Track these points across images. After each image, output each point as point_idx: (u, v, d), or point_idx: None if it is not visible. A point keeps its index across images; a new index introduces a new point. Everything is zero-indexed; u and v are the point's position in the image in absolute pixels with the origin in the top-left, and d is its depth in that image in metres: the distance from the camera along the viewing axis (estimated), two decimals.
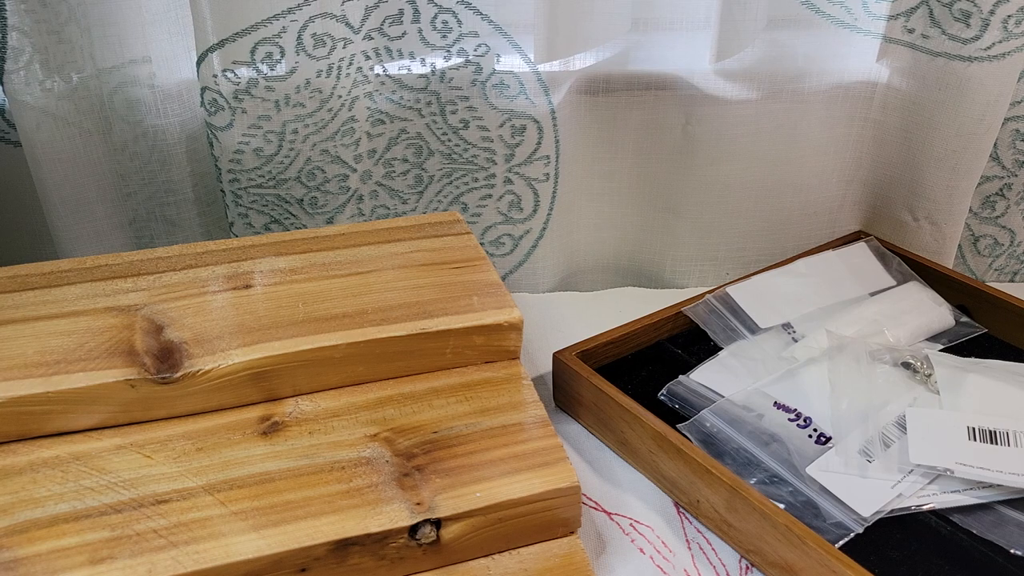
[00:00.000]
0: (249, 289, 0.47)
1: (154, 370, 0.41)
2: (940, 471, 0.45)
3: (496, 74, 0.59)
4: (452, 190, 0.64)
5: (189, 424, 0.42)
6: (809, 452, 0.47)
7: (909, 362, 0.52)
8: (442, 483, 0.38)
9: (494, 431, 0.41)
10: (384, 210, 0.64)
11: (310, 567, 0.36)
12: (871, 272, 0.63)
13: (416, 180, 0.63)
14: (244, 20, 0.51)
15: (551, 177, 0.64)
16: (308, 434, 0.41)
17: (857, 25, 0.62)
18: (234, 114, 0.54)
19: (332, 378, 0.44)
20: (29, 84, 0.52)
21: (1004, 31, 0.57)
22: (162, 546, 0.35)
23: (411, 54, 0.58)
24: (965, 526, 0.43)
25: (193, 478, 0.38)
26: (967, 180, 0.64)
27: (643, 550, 0.44)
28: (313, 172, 0.58)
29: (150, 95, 0.56)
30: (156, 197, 0.60)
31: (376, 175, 0.62)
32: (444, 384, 0.45)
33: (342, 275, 0.49)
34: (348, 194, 0.60)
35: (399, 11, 0.56)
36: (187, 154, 0.59)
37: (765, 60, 0.62)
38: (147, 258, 0.50)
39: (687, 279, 0.70)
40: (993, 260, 0.71)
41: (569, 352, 0.53)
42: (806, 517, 0.43)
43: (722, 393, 0.51)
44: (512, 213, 0.65)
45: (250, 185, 0.58)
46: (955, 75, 0.60)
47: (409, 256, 0.51)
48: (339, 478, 0.38)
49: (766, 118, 0.63)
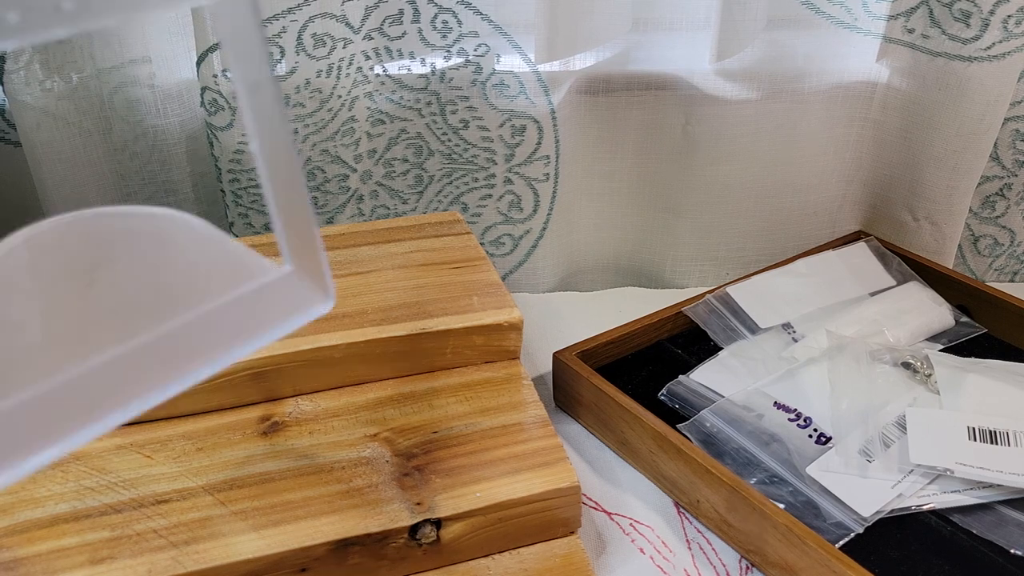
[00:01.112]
0: None
1: None
2: (940, 471, 0.45)
3: (496, 74, 0.59)
4: (452, 190, 0.64)
5: (189, 424, 0.42)
6: (809, 452, 0.47)
7: (909, 362, 0.52)
8: (442, 483, 0.38)
9: (494, 431, 0.41)
10: (384, 210, 0.64)
11: (310, 567, 0.36)
12: (871, 272, 0.63)
13: (416, 180, 0.63)
14: None
15: (551, 177, 0.64)
16: (308, 434, 0.41)
17: (857, 25, 0.62)
18: (234, 114, 0.54)
19: (332, 378, 0.44)
20: (29, 84, 0.52)
21: (1004, 31, 0.57)
22: (162, 546, 0.35)
23: (411, 54, 0.58)
24: (965, 526, 0.43)
25: (193, 478, 0.38)
26: (967, 180, 0.64)
27: (643, 550, 0.44)
28: (313, 172, 0.58)
29: (150, 95, 0.56)
30: (156, 197, 0.60)
31: (376, 175, 0.62)
32: (444, 384, 0.45)
33: (342, 275, 0.48)
34: (348, 194, 0.60)
35: (399, 11, 0.56)
36: (187, 154, 0.59)
37: (765, 60, 0.62)
38: None
39: (687, 279, 0.70)
40: (993, 260, 0.71)
41: (569, 352, 0.53)
42: (806, 517, 0.43)
43: (722, 393, 0.51)
44: (512, 213, 0.65)
45: (250, 185, 0.58)
46: (955, 75, 0.60)
47: (409, 256, 0.51)
48: (339, 478, 0.38)
49: (766, 118, 0.63)
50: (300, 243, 0.27)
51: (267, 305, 0.28)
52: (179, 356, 0.26)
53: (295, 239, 0.27)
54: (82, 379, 0.24)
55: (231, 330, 0.27)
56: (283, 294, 0.28)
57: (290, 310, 0.28)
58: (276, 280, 0.28)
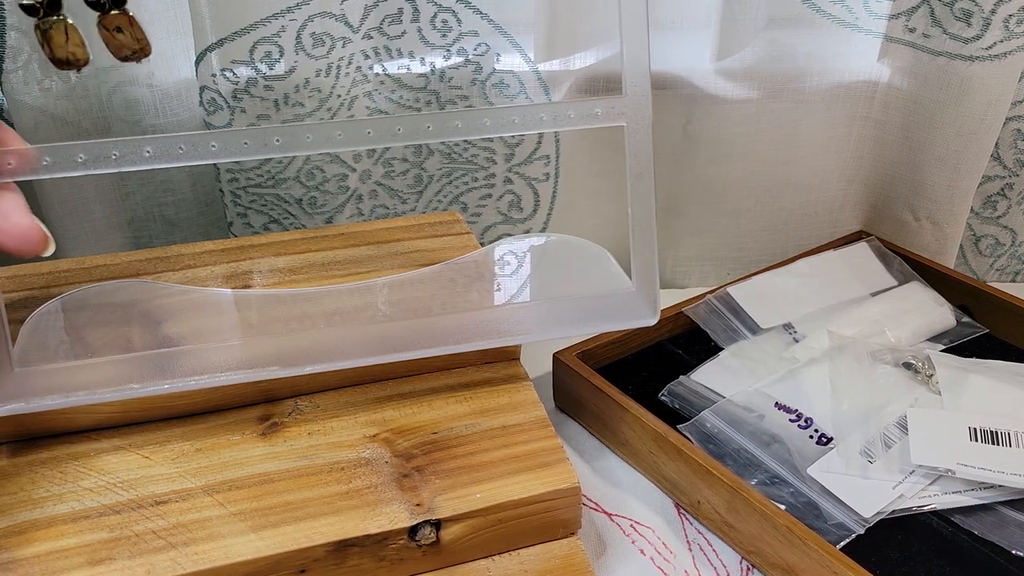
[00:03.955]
0: (248, 289, 0.47)
1: None
2: (941, 472, 0.45)
3: (496, 73, 0.59)
4: (452, 190, 0.64)
5: (188, 425, 0.41)
6: (810, 453, 0.46)
7: (910, 362, 0.52)
8: (442, 484, 0.38)
9: (494, 432, 0.41)
10: (383, 210, 0.64)
11: (309, 568, 0.35)
12: (872, 272, 0.63)
13: (415, 180, 0.63)
14: (243, 19, 0.51)
15: (551, 177, 0.64)
16: (307, 435, 0.41)
17: (858, 24, 0.61)
18: (233, 113, 0.54)
19: (331, 378, 0.44)
20: (27, 83, 0.52)
21: (1005, 30, 0.57)
22: (161, 547, 0.35)
23: (410, 53, 0.58)
24: (966, 527, 0.43)
25: (192, 479, 0.38)
26: (968, 180, 0.63)
27: (644, 551, 0.44)
28: (312, 172, 0.58)
29: (149, 94, 0.56)
30: (155, 197, 0.60)
31: (375, 175, 0.62)
32: (444, 384, 0.45)
33: (341, 275, 0.48)
34: (347, 194, 0.60)
35: (398, 10, 0.56)
36: None
37: (766, 59, 0.61)
38: (145, 258, 0.49)
39: (687, 279, 0.70)
40: (995, 260, 0.71)
41: (569, 352, 0.53)
42: (807, 518, 0.42)
43: (723, 394, 0.51)
44: (512, 213, 0.65)
45: (249, 185, 0.58)
46: (956, 74, 0.60)
47: (409, 256, 0.50)
48: (338, 479, 0.38)
49: (767, 118, 0.63)
50: (644, 273, 0.42)
51: (610, 307, 0.43)
52: (544, 320, 0.43)
53: (641, 269, 0.43)
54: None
55: (577, 316, 0.43)
56: (623, 304, 0.43)
57: (624, 317, 0.43)
58: (622, 293, 0.44)
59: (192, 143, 0.37)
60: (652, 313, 0.43)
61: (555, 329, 0.43)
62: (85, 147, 0.36)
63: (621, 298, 0.44)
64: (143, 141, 0.37)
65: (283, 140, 0.38)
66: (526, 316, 0.43)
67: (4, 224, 0.34)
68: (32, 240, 0.34)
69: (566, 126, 0.41)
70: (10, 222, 0.34)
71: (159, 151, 0.37)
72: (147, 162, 0.37)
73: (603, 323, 0.43)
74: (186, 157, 0.37)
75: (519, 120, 0.40)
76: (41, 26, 0.36)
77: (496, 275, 0.47)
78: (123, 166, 0.36)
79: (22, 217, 0.34)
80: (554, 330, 0.43)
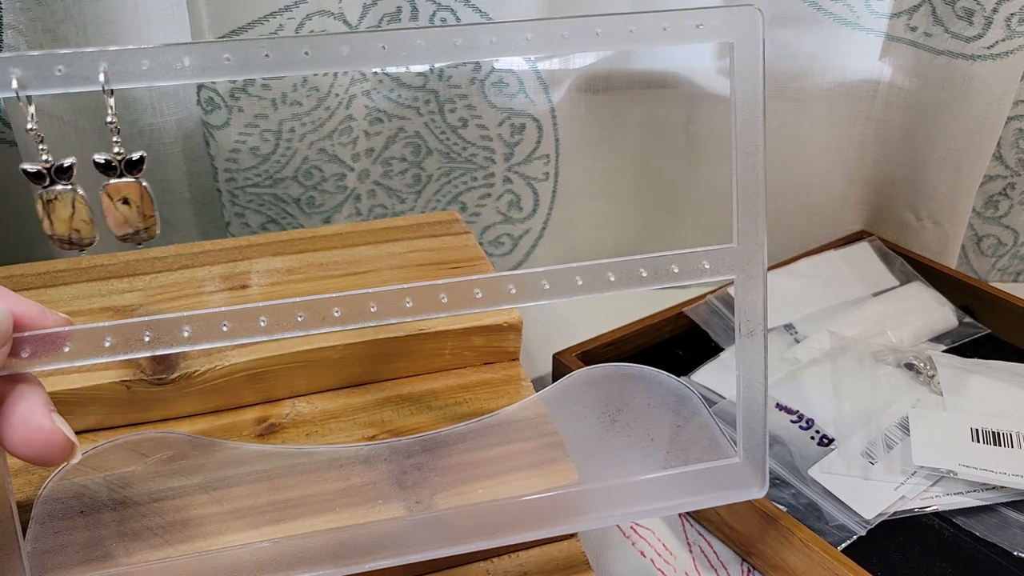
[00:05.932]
0: (246, 289, 0.47)
1: (150, 371, 0.40)
2: (943, 473, 0.44)
3: (495, 72, 0.58)
4: (451, 189, 0.63)
5: (186, 425, 0.41)
6: (811, 454, 0.46)
7: (912, 363, 0.52)
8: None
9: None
10: (382, 209, 0.63)
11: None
12: (874, 272, 0.62)
13: (414, 179, 0.63)
14: (241, 17, 0.51)
15: (551, 176, 0.63)
16: (305, 436, 0.41)
17: (860, 23, 0.61)
18: (230, 112, 0.54)
19: (329, 379, 0.44)
20: None
21: (1007, 29, 0.57)
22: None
23: None
24: (968, 528, 0.43)
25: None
26: (970, 179, 0.63)
27: (644, 553, 0.44)
28: (310, 171, 0.58)
29: (146, 93, 0.56)
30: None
31: (374, 174, 0.61)
32: (443, 385, 0.44)
33: (339, 275, 0.48)
34: (345, 193, 0.60)
35: (397, 8, 0.55)
36: (183, 153, 0.59)
37: (767, 58, 0.61)
38: (143, 258, 0.49)
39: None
40: (996, 260, 0.71)
41: (569, 353, 0.52)
42: (808, 519, 0.42)
43: (723, 394, 0.51)
44: (511, 212, 0.65)
45: (247, 184, 0.57)
46: (958, 73, 0.59)
47: (407, 256, 0.50)
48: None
49: (768, 117, 0.62)
50: (752, 447, 0.37)
51: (713, 477, 0.37)
52: (633, 498, 0.37)
53: (749, 442, 0.37)
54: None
55: (679, 489, 0.37)
56: (729, 474, 0.37)
57: (729, 487, 0.37)
58: (727, 465, 0.38)
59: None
60: (761, 486, 0.37)
61: (650, 509, 0.37)
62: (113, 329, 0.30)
63: (725, 469, 0.37)
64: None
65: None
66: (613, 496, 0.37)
67: (23, 431, 0.28)
68: (54, 448, 0.29)
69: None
70: (29, 427, 0.28)
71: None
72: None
73: (705, 500, 0.37)
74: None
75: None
76: (45, 196, 0.31)
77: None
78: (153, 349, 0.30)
79: (43, 419, 0.29)
80: (649, 510, 0.37)
